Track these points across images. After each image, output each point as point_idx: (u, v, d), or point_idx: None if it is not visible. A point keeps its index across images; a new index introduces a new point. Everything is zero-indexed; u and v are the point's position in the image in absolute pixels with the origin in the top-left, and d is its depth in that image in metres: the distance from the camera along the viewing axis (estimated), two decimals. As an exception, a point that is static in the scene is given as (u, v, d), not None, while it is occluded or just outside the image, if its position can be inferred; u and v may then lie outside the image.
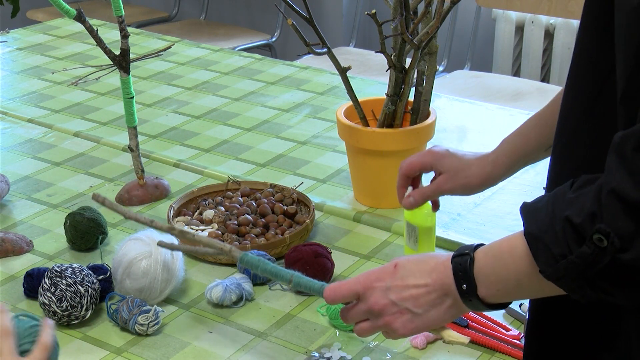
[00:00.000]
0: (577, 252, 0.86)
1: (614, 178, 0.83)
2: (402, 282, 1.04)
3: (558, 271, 0.88)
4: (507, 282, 0.98)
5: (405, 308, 1.04)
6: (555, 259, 0.88)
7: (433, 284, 1.03)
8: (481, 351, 1.32)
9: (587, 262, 0.85)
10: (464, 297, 1.01)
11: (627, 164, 0.82)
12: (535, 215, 0.92)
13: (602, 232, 0.83)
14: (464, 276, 1.00)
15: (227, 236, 1.57)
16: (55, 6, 1.63)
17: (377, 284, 1.06)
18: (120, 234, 1.63)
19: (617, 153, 0.84)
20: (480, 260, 0.99)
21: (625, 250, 0.83)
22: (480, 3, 3.37)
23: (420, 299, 1.04)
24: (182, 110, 2.22)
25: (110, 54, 1.68)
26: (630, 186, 0.82)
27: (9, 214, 1.72)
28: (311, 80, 2.41)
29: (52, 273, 1.36)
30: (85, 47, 2.68)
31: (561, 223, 0.88)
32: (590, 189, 0.87)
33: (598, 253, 0.84)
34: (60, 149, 2.00)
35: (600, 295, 0.88)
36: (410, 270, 1.05)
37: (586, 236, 0.85)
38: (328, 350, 1.31)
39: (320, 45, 1.63)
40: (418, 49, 1.59)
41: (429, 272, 1.04)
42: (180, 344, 1.34)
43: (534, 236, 0.91)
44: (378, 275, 1.07)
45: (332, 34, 3.98)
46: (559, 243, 0.88)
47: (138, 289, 1.39)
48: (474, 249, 1.01)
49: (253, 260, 1.17)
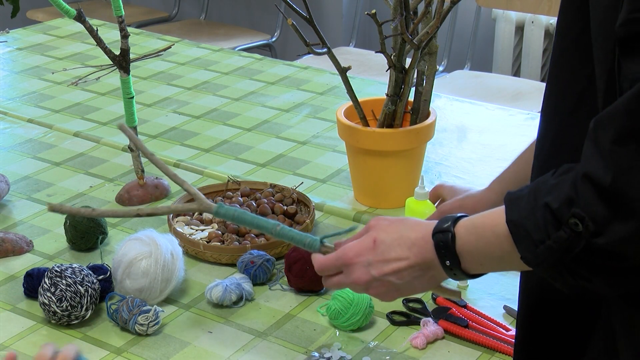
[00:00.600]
0: (555, 237, 0.87)
1: (589, 163, 0.84)
2: (382, 257, 1.05)
3: (538, 257, 0.89)
4: (490, 258, 0.99)
5: (388, 281, 1.06)
6: (535, 244, 0.89)
7: (414, 258, 1.04)
8: (481, 351, 1.32)
9: (563, 247, 0.86)
10: (448, 270, 1.02)
11: (600, 150, 0.83)
12: (517, 203, 0.93)
13: (578, 216, 0.84)
14: (446, 253, 1.01)
15: (227, 236, 1.57)
16: (55, 6, 1.63)
17: (357, 259, 1.07)
18: (120, 234, 1.63)
19: (592, 140, 0.85)
20: (462, 237, 1.00)
21: (599, 235, 0.84)
22: (480, 3, 3.37)
23: (403, 272, 1.05)
24: (182, 110, 2.22)
25: (110, 54, 1.68)
26: (603, 172, 0.82)
27: (9, 214, 1.72)
28: (311, 80, 2.41)
29: (52, 273, 1.36)
30: (85, 47, 2.68)
31: (541, 209, 0.89)
32: (569, 176, 0.88)
33: (573, 237, 0.85)
34: (60, 149, 2.00)
35: (579, 282, 0.88)
36: (389, 245, 1.05)
37: (563, 221, 0.86)
38: (328, 350, 1.31)
39: (320, 45, 1.63)
40: (418, 49, 1.59)
41: (409, 246, 1.04)
42: (180, 344, 1.34)
43: (516, 223, 0.92)
44: (358, 250, 1.07)
45: (332, 34, 3.98)
46: (539, 229, 0.89)
47: (138, 289, 1.39)
48: (454, 223, 1.01)
49: (229, 212, 1.12)
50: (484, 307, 1.41)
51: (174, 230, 1.56)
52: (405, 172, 1.70)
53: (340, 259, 1.08)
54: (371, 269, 1.06)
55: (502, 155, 1.93)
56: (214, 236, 1.57)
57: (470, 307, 1.40)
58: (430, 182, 1.82)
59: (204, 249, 1.53)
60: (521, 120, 2.15)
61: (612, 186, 0.82)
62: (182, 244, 1.52)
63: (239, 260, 1.49)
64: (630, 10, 0.81)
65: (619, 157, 0.82)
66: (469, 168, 1.89)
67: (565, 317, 1.04)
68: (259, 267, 1.47)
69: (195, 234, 1.58)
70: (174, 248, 1.43)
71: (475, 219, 1.01)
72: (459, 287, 1.47)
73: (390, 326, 1.38)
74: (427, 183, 1.55)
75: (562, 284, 0.91)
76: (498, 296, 1.45)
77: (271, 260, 1.48)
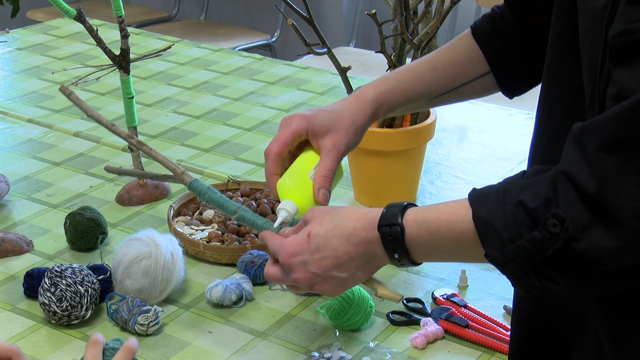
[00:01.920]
0: (528, 237, 0.85)
1: (573, 168, 0.83)
2: (319, 253, 1.03)
3: (506, 256, 0.88)
4: (443, 252, 0.99)
5: (330, 276, 1.04)
6: (504, 243, 0.88)
7: (355, 251, 1.02)
8: (481, 351, 1.32)
9: (536, 247, 0.85)
10: (394, 261, 1.01)
11: (586, 156, 0.82)
12: (484, 199, 0.91)
13: (558, 217, 0.83)
14: (395, 247, 0.99)
15: (227, 236, 1.57)
16: (55, 6, 1.63)
17: (294, 259, 1.04)
18: (120, 234, 1.63)
19: (576, 144, 0.84)
20: (412, 231, 0.98)
21: (577, 240, 0.83)
22: (480, 3, 3.37)
23: (344, 266, 1.03)
24: (182, 110, 2.22)
25: (110, 54, 1.68)
26: (588, 178, 0.82)
27: (9, 214, 1.72)
28: (311, 80, 2.41)
29: (52, 273, 1.36)
30: (85, 47, 2.68)
31: (512, 207, 0.87)
32: (546, 176, 0.87)
33: (549, 239, 0.84)
34: (60, 149, 2.00)
35: (544, 284, 0.88)
36: (324, 237, 1.03)
37: (539, 221, 0.85)
38: (328, 350, 1.31)
39: (320, 45, 1.63)
40: (418, 49, 1.59)
41: (346, 237, 1.02)
42: (180, 344, 1.34)
43: (483, 220, 0.90)
44: (294, 249, 1.05)
45: (332, 34, 3.98)
46: (509, 227, 0.87)
47: (138, 289, 1.39)
48: (401, 215, 0.99)
49: (201, 188, 1.15)
50: (484, 307, 1.41)
51: (174, 230, 1.56)
52: (405, 172, 1.70)
53: (280, 259, 1.06)
54: (309, 266, 1.03)
55: (502, 155, 1.93)
56: (214, 236, 1.57)
57: (470, 307, 1.40)
58: (430, 181, 1.82)
59: (204, 249, 1.53)
60: (521, 120, 2.15)
61: (597, 193, 0.81)
62: (182, 244, 1.52)
63: (239, 260, 1.49)
64: (626, 20, 0.81)
65: (605, 165, 0.81)
66: (469, 168, 1.89)
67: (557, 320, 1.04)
68: (259, 267, 1.47)
69: (195, 234, 1.58)
70: (174, 248, 1.43)
71: (427, 212, 0.99)
72: (459, 287, 1.47)
73: (390, 326, 1.38)
74: (427, 183, 1.55)
75: (524, 285, 0.90)
76: (498, 296, 1.45)
77: (271, 260, 1.48)
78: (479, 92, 1.27)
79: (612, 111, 0.81)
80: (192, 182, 1.15)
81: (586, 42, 0.89)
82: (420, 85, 1.23)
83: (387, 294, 1.09)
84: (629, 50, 0.81)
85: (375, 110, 1.23)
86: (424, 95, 1.24)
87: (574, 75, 0.95)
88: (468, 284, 1.47)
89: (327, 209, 1.07)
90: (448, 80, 1.23)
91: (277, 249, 1.07)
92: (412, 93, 1.23)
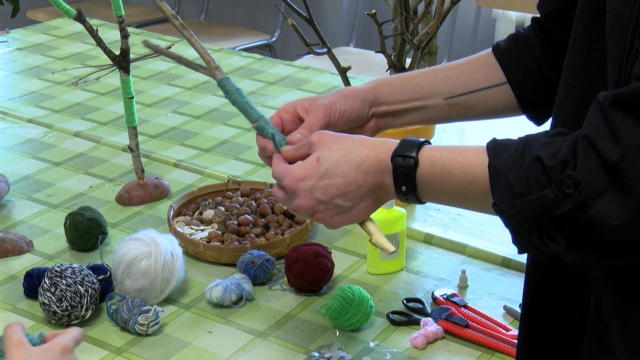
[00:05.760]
0: (540, 194, 0.85)
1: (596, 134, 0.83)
2: (327, 179, 1.01)
3: (513, 208, 0.88)
4: (450, 194, 0.97)
5: (333, 204, 1.02)
6: (513, 195, 0.88)
7: (364, 179, 1.00)
8: (481, 351, 1.32)
9: (546, 205, 0.85)
10: (400, 194, 0.99)
11: (611, 125, 0.83)
12: (502, 150, 0.91)
13: (574, 179, 0.84)
14: (405, 179, 0.98)
15: (227, 236, 1.57)
16: (55, 6, 1.63)
17: (300, 184, 1.02)
18: (120, 234, 1.63)
19: (601, 112, 0.84)
20: (425, 167, 0.97)
21: (588, 205, 0.83)
22: (480, 3, 3.37)
23: (350, 194, 1.01)
24: (182, 110, 2.22)
25: (110, 54, 1.68)
26: (612, 146, 0.82)
27: (9, 214, 1.72)
28: (311, 80, 2.41)
29: (52, 273, 1.36)
30: (85, 47, 2.68)
31: (529, 162, 0.87)
32: (567, 138, 0.87)
33: (560, 199, 0.84)
34: (60, 149, 2.00)
35: (544, 243, 0.88)
36: (335, 162, 1.01)
37: (554, 180, 0.85)
38: (328, 350, 1.31)
39: (320, 45, 1.63)
40: (418, 49, 1.59)
41: (358, 164, 1.00)
42: (180, 344, 1.34)
43: (498, 169, 0.90)
44: (301, 173, 1.02)
45: (332, 34, 3.98)
46: (522, 181, 0.87)
47: (138, 289, 1.39)
48: (417, 149, 0.98)
49: (230, 87, 1.15)
50: (484, 307, 1.41)
51: (174, 230, 1.56)
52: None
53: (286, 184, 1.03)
54: (315, 192, 1.01)
55: (502, 155, 1.93)
56: (214, 236, 1.57)
57: (470, 307, 1.40)
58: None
59: (204, 249, 1.53)
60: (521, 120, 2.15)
61: (618, 162, 0.81)
62: (182, 244, 1.52)
63: (239, 260, 1.49)
64: None
65: (630, 136, 0.81)
66: (469, 168, 1.89)
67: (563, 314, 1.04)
68: (259, 267, 1.47)
69: (195, 234, 1.58)
70: (174, 248, 1.43)
71: (443, 152, 0.98)
72: (459, 287, 1.47)
73: (390, 326, 1.38)
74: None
75: (524, 242, 0.90)
76: (498, 296, 1.45)
77: (271, 260, 1.48)
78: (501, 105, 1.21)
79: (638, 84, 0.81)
80: (222, 79, 1.15)
81: (614, 28, 0.89)
82: (431, 78, 1.19)
83: (382, 243, 1.06)
84: None
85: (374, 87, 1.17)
86: (439, 92, 1.18)
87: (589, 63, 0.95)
88: (468, 284, 1.47)
89: (335, 134, 1.04)
90: (465, 80, 1.18)
91: (283, 173, 1.04)
92: (422, 83, 1.18)
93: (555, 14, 1.14)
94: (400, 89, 1.18)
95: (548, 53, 1.16)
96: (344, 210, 1.03)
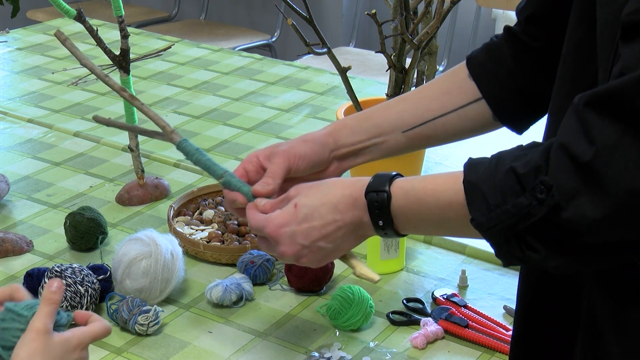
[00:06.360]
0: (514, 202, 0.86)
1: (570, 137, 0.83)
2: (307, 223, 1.03)
3: (490, 221, 0.88)
4: (427, 222, 0.99)
5: (317, 247, 1.04)
6: (490, 208, 0.88)
7: (342, 219, 1.02)
8: (481, 351, 1.32)
9: (522, 213, 0.85)
10: (379, 230, 1.01)
11: (585, 126, 0.82)
12: (476, 167, 0.92)
13: (545, 184, 0.84)
14: (380, 213, 0.99)
15: (227, 236, 1.57)
16: (55, 6, 1.63)
17: (282, 230, 1.04)
18: (120, 234, 1.63)
19: (576, 114, 0.84)
20: (399, 199, 0.99)
21: (562, 208, 0.83)
22: (480, 3, 3.37)
23: (331, 236, 1.03)
24: (182, 110, 2.22)
25: (110, 54, 1.68)
26: (585, 147, 0.82)
27: (9, 214, 1.72)
28: (311, 80, 2.41)
29: (52, 273, 1.36)
30: (85, 47, 2.68)
31: (503, 174, 0.88)
32: (540, 147, 0.88)
33: (535, 206, 0.84)
34: (60, 149, 2.00)
35: (524, 252, 0.88)
36: (312, 207, 1.03)
37: (527, 187, 0.85)
38: (328, 350, 1.31)
39: (320, 45, 1.63)
40: (418, 49, 1.59)
41: (334, 205, 1.02)
42: (180, 344, 1.34)
43: (472, 184, 0.91)
44: (281, 220, 1.04)
45: (332, 34, 3.98)
46: (496, 193, 0.88)
47: (138, 289, 1.39)
48: (389, 183, 0.99)
49: (189, 148, 1.13)
50: (484, 307, 1.41)
51: (174, 230, 1.56)
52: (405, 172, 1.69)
53: (267, 232, 1.05)
54: (297, 237, 1.03)
55: (502, 155, 1.93)
56: (214, 236, 1.57)
57: (470, 307, 1.40)
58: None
59: (204, 249, 1.53)
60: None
61: (591, 161, 0.81)
62: (182, 244, 1.52)
63: (239, 260, 1.49)
64: None
65: (604, 135, 0.81)
66: (469, 168, 1.89)
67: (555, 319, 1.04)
68: (259, 267, 1.47)
69: (195, 234, 1.59)
70: (174, 248, 1.43)
71: (415, 182, 0.99)
72: (459, 287, 1.47)
73: (390, 326, 1.38)
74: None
75: (505, 253, 0.90)
76: (498, 296, 1.45)
77: (271, 260, 1.48)
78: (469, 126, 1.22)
79: (613, 84, 0.81)
80: (181, 141, 1.13)
81: (604, 35, 0.89)
82: (386, 114, 1.21)
83: (366, 274, 1.08)
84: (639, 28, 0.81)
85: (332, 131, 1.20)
86: (396, 126, 1.20)
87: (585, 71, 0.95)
88: (468, 284, 1.47)
89: (311, 183, 1.06)
90: (420, 111, 1.20)
91: (262, 222, 1.06)
92: (378, 120, 1.20)
93: (537, 15, 1.14)
94: (357, 129, 1.21)
95: (521, 63, 1.17)
96: (327, 251, 1.05)
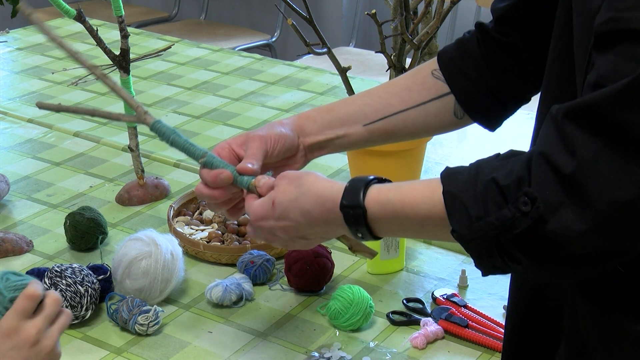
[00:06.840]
0: (497, 215, 0.85)
1: (550, 148, 0.83)
2: (283, 221, 1.05)
3: (472, 233, 0.88)
4: (407, 231, 1.01)
5: (296, 241, 1.07)
6: (471, 220, 0.88)
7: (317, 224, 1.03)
8: (481, 351, 1.32)
9: (505, 225, 0.85)
10: (358, 238, 1.02)
11: (565, 138, 0.82)
12: (455, 177, 0.91)
13: (530, 196, 0.83)
14: (358, 227, 1.00)
15: (227, 236, 1.57)
16: (55, 6, 1.63)
17: (261, 223, 1.07)
18: (120, 234, 1.63)
19: (555, 125, 0.84)
20: (375, 212, 0.99)
21: (546, 220, 0.83)
22: (480, 3, 3.37)
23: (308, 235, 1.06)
24: (182, 110, 2.22)
25: (110, 54, 1.68)
26: (566, 159, 0.82)
27: (9, 214, 1.72)
28: (311, 80, 2.41)
29: (52, 273, 1.36)
30: (85, 47, 2.68)
31: (484, 185, 0.87)
32: (520, 157, 0.87)
33: (518, 218, 0.84)
34: (60, 149, 2.00)
35: (506, 264, 0.88)
36: (287, 208, 1.05)
37: (510, 199, 0.85)
38: (328, 350, 1.31)
39: (320, 45, 1.63)
40: (418, 49, 1.59)
41: (307, 211, 1.03)
42: (180, 344, 1.34)
43: (452, 194, 0.90)
44: (259, 214, 1.07)
45: (332, 34, 3.98)
46: (478, 204, 0.87)
47: (138, 289, 1.39)
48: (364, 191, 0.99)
49: (164, 129, 1.12)
50: (484, 307, 1.41)
51: (174, 230, 1.56)
52: (405, 172, 1.70)
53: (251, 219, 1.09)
54: (276, 232, 1.06)
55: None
56: (214, 236, 1.57)
57: (470, 307, 1.40)
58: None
59: (204, 249, 1.53)
60: (521, 120, 2.15)
61: (573, 174, 0.81)
62: (182, 244, 1.52)
63: (239, 260, 1.49)
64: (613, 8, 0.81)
65: (585, 147, 0.81)
66: (469, 168, 1.89)
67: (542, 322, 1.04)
68: (259, 267, 1.47)
69: (195, 234, 1.59)
70: (174, 248, 1.43)
71: (390, 193, 0.98)
72: (459, 287, 1.47)
73: (390, 326, 1.38)
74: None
75: (486, 264, 0.90)
76: (498, 296, 1.45)
77: (271, 260, 1.48)
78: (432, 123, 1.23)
79: (591, 96, 0.81)
80: (155, 122, 1.11)
81: (580, 43, 0.89)
82: (349, 107, 1.22)
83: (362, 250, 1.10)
84: (612, 37, 0.81)
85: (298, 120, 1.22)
86: (357, 119, 1.21)
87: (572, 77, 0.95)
88: (468, 284, 1.47)
89: (295, 175, 1.07)
90: (382, 105, 1.21)
91: (247, 210, 1.10)
92: (341, 113, 1.22)
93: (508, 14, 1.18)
94: (320, 121, 1.22)
95: (490, 59, 1.18)
96: (309, 243, 1.09)
